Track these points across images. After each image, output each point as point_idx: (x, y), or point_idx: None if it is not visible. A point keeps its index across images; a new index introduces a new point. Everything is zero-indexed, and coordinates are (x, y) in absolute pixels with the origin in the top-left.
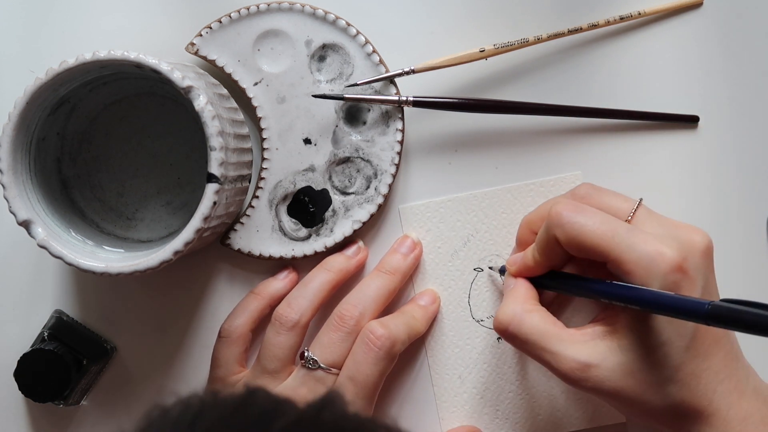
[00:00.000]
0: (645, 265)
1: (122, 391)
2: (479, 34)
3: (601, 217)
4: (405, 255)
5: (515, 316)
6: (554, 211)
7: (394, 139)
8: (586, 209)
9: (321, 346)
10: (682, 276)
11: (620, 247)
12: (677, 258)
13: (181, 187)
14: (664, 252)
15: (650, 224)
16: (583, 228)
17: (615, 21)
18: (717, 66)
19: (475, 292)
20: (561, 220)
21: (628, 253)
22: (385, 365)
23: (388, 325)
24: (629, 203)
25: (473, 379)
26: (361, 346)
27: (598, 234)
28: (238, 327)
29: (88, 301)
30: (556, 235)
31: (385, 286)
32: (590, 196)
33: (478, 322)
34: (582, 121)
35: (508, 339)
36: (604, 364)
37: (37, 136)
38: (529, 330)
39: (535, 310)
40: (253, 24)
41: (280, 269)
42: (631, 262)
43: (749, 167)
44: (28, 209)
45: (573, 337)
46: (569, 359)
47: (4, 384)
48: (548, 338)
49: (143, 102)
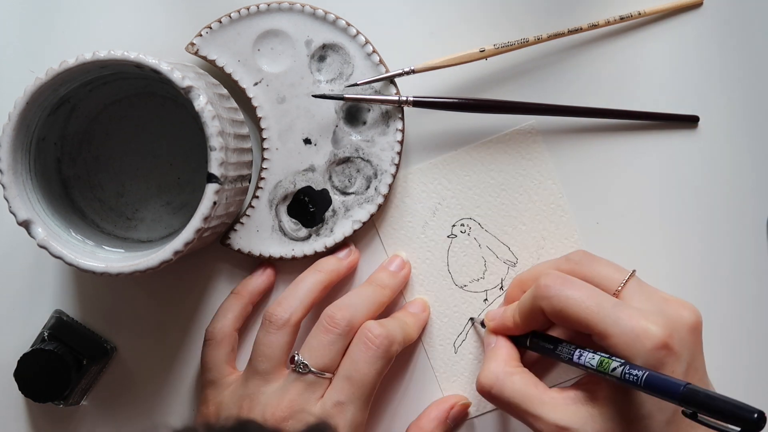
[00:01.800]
0: (629, 342)
1: (122, 391)
2: (479, 34)
3: (588, 290)
4: (395, 273)
5: (497, 379)
6: (542, 283)
7: (394, 139)
8: (574, 282)
9: (311, 350)
10: (667, 353)
11: (605, 322)
12: (662, 335)
13: (181, 187)
14: (649, 329)
15: (639, 298)
16: (569, 301)
17: (615, 21)
18: (717, 66)
19: (453, 259)
20: (548, 292)
21: (613, 328)
22: (383, 365)
23: (385, 325)
24: (621, 274)
25: (467, 345)
26: (359, 345)
27: (584, 308)
28: (222, 328)
29: (88, 301)
30: (541, 306)
31: (375, 296)
32: (582, 264)
33: (462, 288)
34: (582, 121)
35: (491, 401)
36: (584, 429)
37: (37, 136)
38: (511, 394)
39: (516, 372)
40: (253, 24)
41: (256, 269)
42: (615, 336)
43: (749, 167)
44: (28, 209)
45: (554, 401)
46: (549, 423)
47: (4, 384)
48: (529, 401)
49: (143, 102)
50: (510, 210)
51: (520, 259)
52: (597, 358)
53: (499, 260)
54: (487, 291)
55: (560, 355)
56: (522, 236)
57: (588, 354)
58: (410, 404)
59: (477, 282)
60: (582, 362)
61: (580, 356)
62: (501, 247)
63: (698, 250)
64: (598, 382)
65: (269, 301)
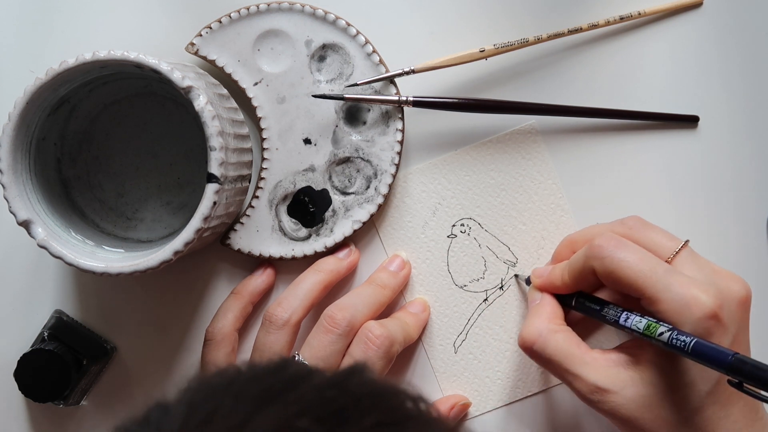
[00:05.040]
0: (679, 308)
1: (122, 391)
2: (479, 34)
3: (642, 254)
4: (395, 273)
5: (540, 335)
6: (596, 243)
7: (394, 139)
8: (628, 245)
9: (311, 349)
10: (716, 323)
11: (656, 287)
12: (713, 305)
13: (181, 187)
14: (699, 297)
15: (691, 267)
16: (622, 263)
17: (615, 21)
18: (716, 66)
19: (453, 259)
20: (602, 252)
21: (664, 294)
22: (384, 365)
23: (386, 326)
24: (674, 242)
25: (467, 344)
26: (360, 345)
27: (636, 271)
28: (222, 328)
29: (88, 301)
30: (593, 266)
31: (376, 296)
32: (636, 229)
33: (462, 288)
34: (582, 121)
35: (532, 356)
36: (623, 393)
37: (37, 136)
38: (553, 351)
39: (560, 330)
40: (253, 24)
41: (257, 269)
42: (665, 302)
43: (748, 167)
44: (28, 209)
45: (596, 361)
46: (588, 383)
47: (4, 384)
48: (570, 360)
49: (143, 102)
50: (510, 210)
51: (520, 259)
52: (644, 321)
53: (499, 260)
54: (487, 291)
55: (606, 317)
56: (522, 236)
57: (635, 317)
58: None
59: (477, 282)
60: (628, 325)
61: (627, 319)
62: (501, 247)
63: (698, 250)
64: (642, 346)
65: (269, 301)
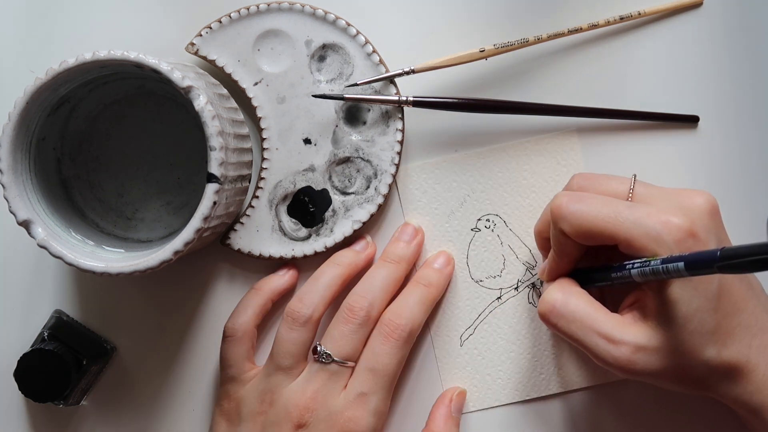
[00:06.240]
0: (655, 239)
1: (122, 391)
2: (479, 34)
3: (601, 200)
4: (408, 243)
5: (562, 296)
6: (554, 205)
7: (394, 139)
8: (585, 196)
9: (333, 340)
10: (694, 240)
11: (625, 226)
12: (685, 224)
13: (181, 187)
14: (670, 221)
15: (650, 197)
16: (585, 214)
17: (615, 21)
18: (717, 66)
19: (473, 253)
20: (562, 211)
21: (636, 230)
22: (404, 353)
23: (403, 314)
24: (625, 183)
25: (474, 339)
26: (379, 337)
27: (601, 218)
28: (242, 324)
29: (88, 301)
30: (562, 229)
31: (391, 275)
32: (585, 186)
33: (478, 283)
34: (582, 121)
35: (554, 318)
36: (651, 345)
37: (37, 136)
38: (575, 308)
39: (580, 293)
40: (253, 24)
41: (280, 268)
42: (640, 238)
43: (749, 167)
44: (28, 209)
45: (620, 321)
46: (627, 342)
47: (4, 384)
48: (596, 317)
49: (143, 102)
50: (538, 212)
51: (539, 263)
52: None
53: (518, 260)
54: (501, 289)
55: (611, 274)
56: None
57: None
58: (410, 393)
59: (493, 279)
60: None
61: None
62: (522, 248)
63: None
64: (643, 298)
65: None
